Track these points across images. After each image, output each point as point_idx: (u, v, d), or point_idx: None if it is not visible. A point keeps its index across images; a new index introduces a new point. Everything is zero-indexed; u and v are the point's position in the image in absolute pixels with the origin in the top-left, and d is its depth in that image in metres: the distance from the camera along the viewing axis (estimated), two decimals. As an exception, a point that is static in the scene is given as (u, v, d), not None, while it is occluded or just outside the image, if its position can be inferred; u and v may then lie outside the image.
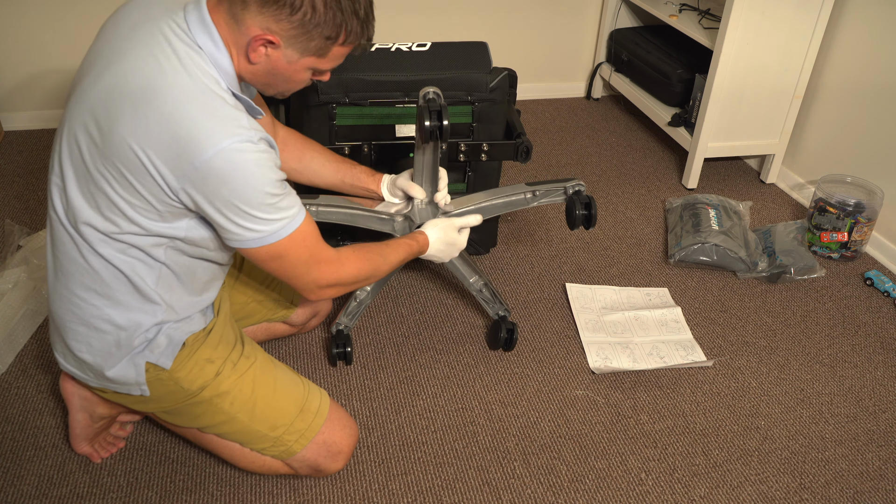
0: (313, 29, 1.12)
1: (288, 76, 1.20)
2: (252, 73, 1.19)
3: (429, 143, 1.57)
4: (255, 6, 1.10)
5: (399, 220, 1.71)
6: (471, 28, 3.02)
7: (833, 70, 2.44)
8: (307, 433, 1.39)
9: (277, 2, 1.09)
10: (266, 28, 1.11)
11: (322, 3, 1.11)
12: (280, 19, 1.11)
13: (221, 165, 1.08)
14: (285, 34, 1.12)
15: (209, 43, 1.13)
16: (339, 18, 1.13)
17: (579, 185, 1.71)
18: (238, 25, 1.13)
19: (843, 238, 2.25)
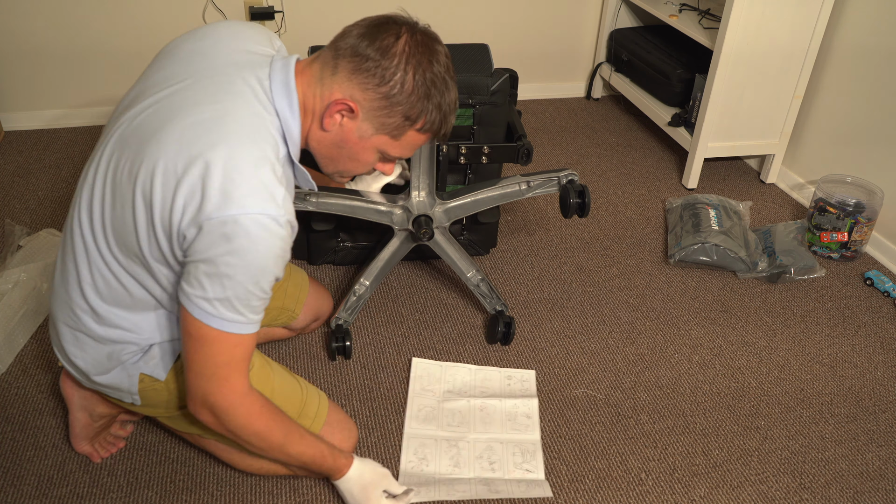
0: (396, 105, 1.10)
1: (355, 152, 1.17)
2: (320, 142, 1.16)
3: None
4: (346, 72, 1.09)
5: (398, 212, 1.71)
6: (471, 28, 3.02)
7: (833, 70, 2.44)
8: None
9: (370, 70, 1.08)
10: (350, 95, 1.10)
11: (412, 83, 1.09)
12: (367, 88, 1.09)
13: (238, 229, 1.02)
14: (367, 104, 1.10)
15: (286, 108, 1.11)
16: (423, 104, 1.12)
17: (572, 174, 1.72)
18: (322, 89, 1.11)
19: (843, 238, 2.25)
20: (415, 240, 1.76)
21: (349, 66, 1.09)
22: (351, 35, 1.10)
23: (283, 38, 2.84)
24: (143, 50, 2.73)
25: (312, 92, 1.12)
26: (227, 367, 1.14)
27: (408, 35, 1.10)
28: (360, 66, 1.08)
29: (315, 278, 1.78)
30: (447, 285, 2.09)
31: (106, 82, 2.77)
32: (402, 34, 1.09)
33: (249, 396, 1.19)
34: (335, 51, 1.11)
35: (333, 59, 1.10)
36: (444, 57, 1.13)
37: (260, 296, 1.09)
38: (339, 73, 1.10)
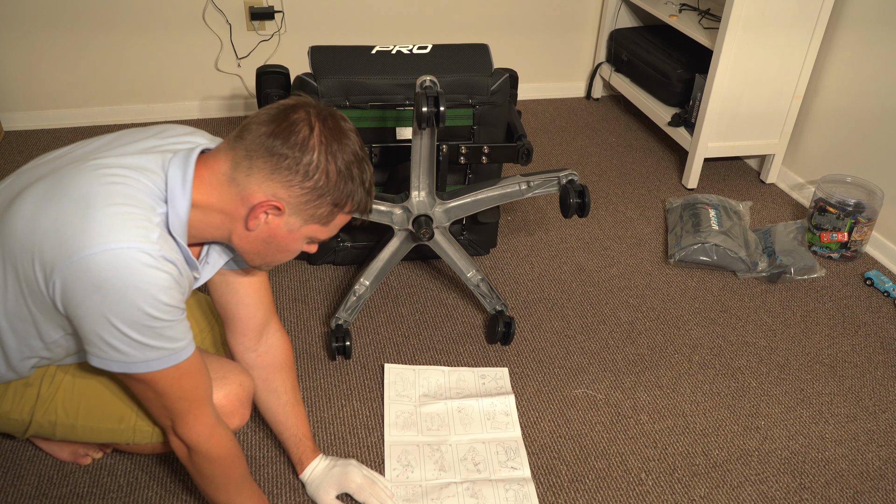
0: (324, 196, 1.08)
1: (284, 245, 1.14)
2: (245, 239, 1.12)
3: (426, 130, 1.58)
4: (264, 172, 1.05)
5: (398, 211, 1.71)
6: (471, 28, 3.02)
7: (833, 70, 2.44)
8: None
9: (290, 168, 1.05)
10: (273, 194, 1.06)
11: (335, 171, 1.07)
12: (291, 185, 1.06)
13: (101, 267, 0.96)
14: (294, 200, 1.07)
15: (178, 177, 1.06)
16: (350, 188, 1.10)
17: (572, 174, 1.72)
18: (239, 189, 1.07)
19: (843, 238, 2.25)
20: (415, 240, 1.76)
21: (266, 165, 1.05)
22: (259, 133, 1.05)
23: (283, 38, 2.84)
24: (143, 51, 2.73)
25: (226, 191, 1.07)
26: (184, 401, 1.12)
27: (319, 124, 1.07)
28: (279, 164, 1.05)
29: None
30: (447, 285, 2.09)
31: (106, 82, 2.77)
32: (314, 124, 1.06)
33: (216, 430, 1.18)
34: (245, 150, 1.06)
35: (246, 158, 1.05)
36: (353, 134, 1.12)
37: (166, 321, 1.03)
38: (256, 173, 1.05)
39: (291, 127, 1.05)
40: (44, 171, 1.08)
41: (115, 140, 1.14)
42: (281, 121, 1.06)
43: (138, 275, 0.98)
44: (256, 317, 1.38)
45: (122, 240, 0.98)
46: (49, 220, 1.00)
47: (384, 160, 1.90)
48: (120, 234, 0.98)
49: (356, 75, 1.77)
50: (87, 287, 0.98)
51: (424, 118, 1.49)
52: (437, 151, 1.77)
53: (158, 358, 1.05)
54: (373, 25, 2.91)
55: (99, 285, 0.98)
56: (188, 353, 1.09)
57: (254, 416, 1.64)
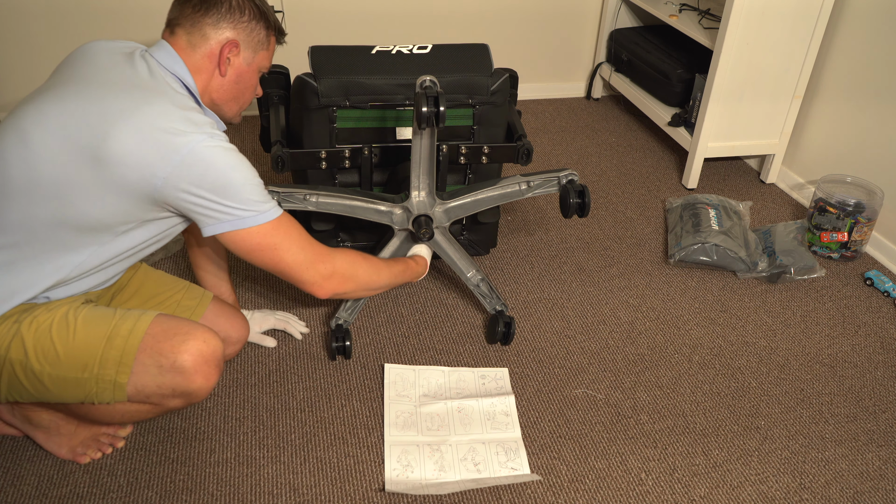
0: (259, 21, 1.38)
1: (247, 80, 1.42)
2: (222, 88, 1.39)
3: (425, 130, 1.58)
4: (211, 27, 1.33)
5: (398, 211, 1.71)
6: (471, 28, 3.02)
7: (833, 69, 2.44)
8: (125, 360, 1.27)
9: (229, 11, 1.34)
10: (227, 37, 1.35)
11: (251, 4, 1.37)
12: (235, 24, 1.35)
13: (202, 153, 1.21)
14: (243, 35, 1.36)
15: (182, 70, 1.33)
16: (265, 9, 1.40)
17: (572, 174, 1.72)
18: (202, 49, 1.34)
19: (843, 238, 2.25)
20: (415, 240, 1.76)
21: (211, 19, 1.33)
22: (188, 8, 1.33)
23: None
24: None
25: (195, 59, 1.34)
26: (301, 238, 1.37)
27: None
28: (219, 13, 1.33)
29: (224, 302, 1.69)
30: (447, 285, 2.09)
31: (106, 82, 2.77)
32: None
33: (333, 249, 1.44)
34: (189, 24, 1.33)
35: (193, 27, 1.33)
36: None
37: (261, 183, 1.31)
38: (207, 29, 1.33)
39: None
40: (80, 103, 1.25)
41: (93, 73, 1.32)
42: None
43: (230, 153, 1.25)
44: None
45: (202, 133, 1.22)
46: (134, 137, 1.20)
47: (384, 160, 1.90)
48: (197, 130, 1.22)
49: (356, 75, 1.77)
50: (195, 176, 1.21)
51: (424, 118, 1.49)
52: (437, 151, 1.78)
53: (272, 209, 1.31)
54: (373, 25, 2.91)
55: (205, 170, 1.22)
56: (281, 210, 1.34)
57: (252, 416, 1.64)
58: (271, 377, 1.75)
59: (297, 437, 1.60)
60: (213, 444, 1.57)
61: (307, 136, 1.84)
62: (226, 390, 1.70)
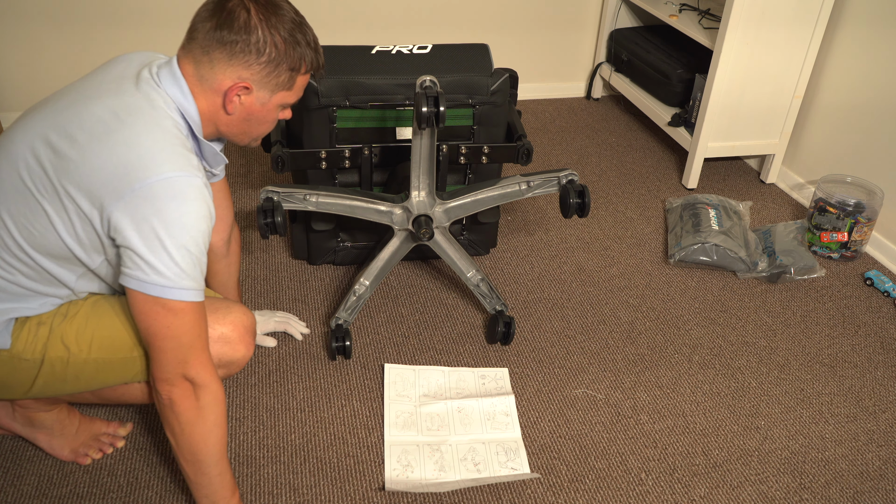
0: (280, 65, 1.23)
1: (262, 117, 1.29)
2: (230, 124, 1.28)
3: (426, 130, 1.58)
4: (222, 62, 1.20)
5: (398, 211, 1.72)
6: (471, 28, 3.02)
7: (833, 70, 2.44)
8: None
9: (244, 51, 1.20)
10: (238, 77, 1.21)
11: (282, 41, 1.22)
12: (250, 65, 1.21)
13: (162, 193, 1.09)
14: (257, 77, 1.22)
15: (177, 93, 1.21)
16: (299, 51, 1.24)
17: (572, 174, 1.72)
18: (209, 83, 1.22)
19: (843, 238, 2.25)
20: (415, 240, 1.76)
21: (223, 55, 1.19)
22: (205, 30, 1.20)
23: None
24: (143, 50, 2.73)
25: (200, 88, 1.22)
26: (200, 340, 1.18)
27: (252, 4, 1.20)
28: (234, 50, 1.19)
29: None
30: (447, 285, 2.09)
31: (106, 82, 2.77)
32: (249, 6, 1.19)
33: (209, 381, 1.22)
34: (200, 48, 1.20)
35: (204, 55, 1.20)
36: (286, 4, 1.25)
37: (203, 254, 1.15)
38: (217, 64, 1.20)
39: (230, 15, 1.18)
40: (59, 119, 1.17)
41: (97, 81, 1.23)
42: (220, 12, 1.19)
43: (194, 202, 1.12)
44: (229, 215, 1.62)
45: (176, 169, 1.11)
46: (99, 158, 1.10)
47: (384, 160, 1.90)
48: (172, 164, 1.11)
49: (356, 75, 1.77)
50: (147, 212, 1.09)
51: (424, 118, 1.49)
52: (437, 151, 1.78)
53: (192, 289, 1.15)
54: (373, 25, 2.91)
55: (159, 209, 1.09)
56: (203, 296, 1.18)
57: (252, 416, 1.64)
58: (271, 377, 1.75)
59: (297, 437, 1.60)
60: (213, 444, 1.57)
61: (307, 136, 1.84)
62: (226, 390, 1.70)
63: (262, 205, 1.60)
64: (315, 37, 1.29)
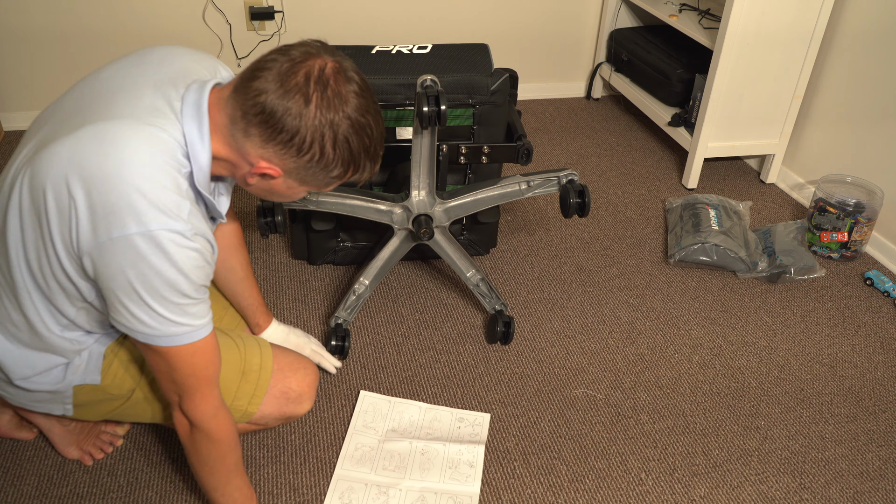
0: (322, 170, 1.08)
1: (284, 194, 1.16)
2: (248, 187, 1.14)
3: (427, 129, 1.58)
4: (259, 139, 1.04)
5: (398, 211, 1.71)
6: (471, 28, 3.02)
7: (833, 69, 2.44)
8: (257, 392, 1.36)
9: (285, 143, 1.03)
10: (269, 161, 1.06)
11: (331, 146, 1.05)
12: (285, 157, 1.05)
13: (140, 248, 0.99)
14: (290, 168, 1.07)
15: (194, 131, 1.05)
16: (349, 158, 1.08)
17: (572, 174, 1.72)
18: (238, 143, 1.06)
19: (843, 238, 2.25)
20: (415, 239, 1.76)
21: (261, 133, 1.03)
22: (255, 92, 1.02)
23: (283, 38, 2.84)
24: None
25: (227, 143, 1.07)
26: (193, 378, 1.13)
27: (318, 93, 1.02)
28: (274, 136, 1.03)
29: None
30: (447, 285, 2.09)
31: (106, 82, 2.77)
32: (312, 94, 1.02)
33: (221, 412, 1.19)
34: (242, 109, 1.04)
35: (243, 119, 1.04)
36: (355, 97, 1.05)
37: (193, 299, 1.06)
38: (252, 137, 1.04)
39: (288, 94, 1.01)
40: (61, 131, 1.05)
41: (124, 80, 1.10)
42: (282, 81, 1.01)
43: (174, 256, 1.01)
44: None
45: (158, 220, 0.99)
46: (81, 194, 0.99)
47: (384, 160, 1.90)
48: (156, 212, 0.99)
49: (356, 75, 1.77)
50: (123, 264, 1.00)
51: (426, 118, 1.49)
52: (438, 151, 1.77)
53: (180, 334, 1.07)
54: (373, 25, 2.91)
55: (135, 263, 1.00)
56: (206, 331, 1.11)
57: (254, 415, 1.65)
58: (271, 377, 1.75)
59: (297, 437, 1.60)
60: (213, 444, 1.57)
61: (307, 135, 1.84)
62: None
63: (262, 204, 1.60)
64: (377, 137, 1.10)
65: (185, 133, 1.05)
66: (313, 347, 1.72)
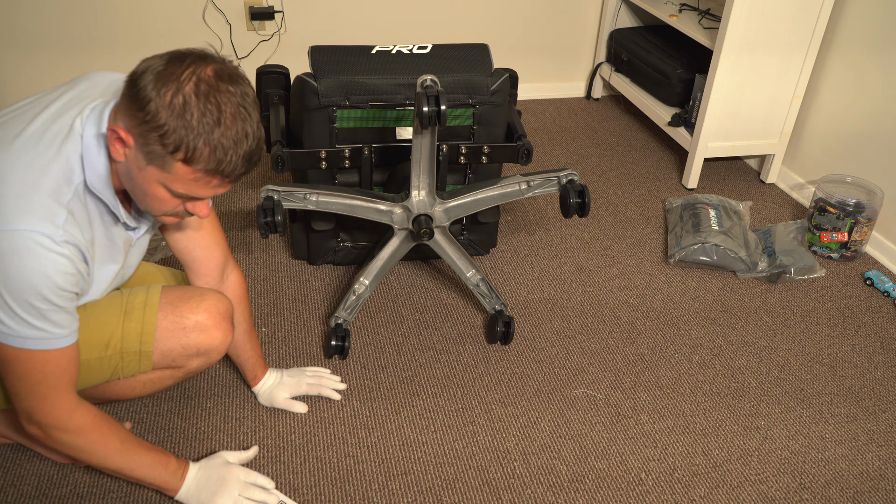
0: (151, 132, 1.02)
1: (141, 185, 1.10)
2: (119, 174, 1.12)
3: (427, 129, 1.58)
4: (124, 101, 1.05)
5: (398, 211, 1.71)
6: (471, 28, 3.02)
7: (833, 69, 2.44)
8: (146, 329, 1.31)
9: (132, 97, 1.03)
10: (120, 123, 1.06)
11: (167, 110, 1.01)
12: (130, 113, 1.04)
13: (3, 246, 1.01)
14: (134, 131, 1.04)
15: (91, 133, 1.08)
16: (183, 133, 1.02)
17: (572, 174, 1.72)
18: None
19: (843, 238, 2.25)
20: (415, 239, 1.76)
21: (125, 95, 1.05)
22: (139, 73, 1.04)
23: (283, 38, 2.84)
24: (143, 51, 2.73)
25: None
26: (44, 381, 1.12)
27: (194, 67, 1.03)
28: (129, 92, 1.03)
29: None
30: (447, 285, 2.09)
31: (106, 82, 2.77)
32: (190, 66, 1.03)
33: (77, 411, 1.18)
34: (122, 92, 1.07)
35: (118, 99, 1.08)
36: (230, 96, 1.04)
37: (56, 306, 1.07)
38: (121, 101, 1.06)
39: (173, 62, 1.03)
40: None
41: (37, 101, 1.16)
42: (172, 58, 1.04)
43: (39, 258, 1.03)
44: (216, 257, 1.46)
45: (28, 222, 1.03)
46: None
47: (384, 160, 1.90)
48: (27, 215, 1.03)
49: (356, 75, 1.77)
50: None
51: (426, 118, 1.49)
52: (438, 151, 1.78)
53: (35, 338, 1.09)
54: (373, 25, 2.91)
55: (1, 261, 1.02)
56: (65, 342, 1.12)
57: (252, 416, 1.64)
58: (271, 377, 1.75)
59: (297, 437, 1.60)
60: (214, 444, 1.57)
61: (307, 136, 1.84)
62: (226, 390, 1.70)
63: (263, 203, 1.60)
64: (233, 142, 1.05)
65: (83, 137, 1.09)
66: (308, 382, 1.66)
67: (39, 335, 1.09)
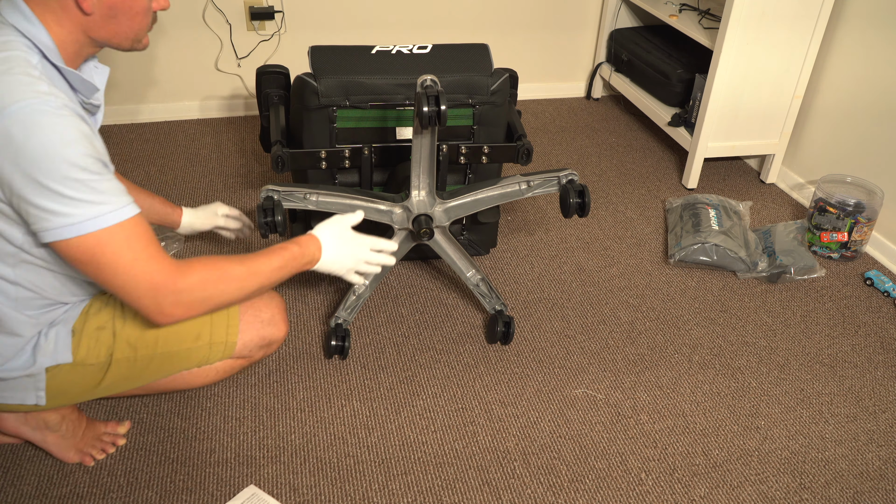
0: None
1: (128, 7, 1.14)
2: (96, 29, 1.14)
3: (427, 129, 1.58)
4: None
5: (398, 211, 1.71)
6: (471, 28, 3.02)
7: (833, 69, 2.44)
8: (231, 321, 1.42)
9: None
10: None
11: None
12: None
13: (16, 128, 1.00)
14: None
15: (21, 19, 1.09)
16: None
17: (572, 174, 1.72)
18: None
19: (843, 238, 2.25)
20: (415, 239, 1.76)
21: None
22: None
23: (283, 38, 2.84)
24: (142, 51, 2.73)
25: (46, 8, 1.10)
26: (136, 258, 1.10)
27: None
28: None
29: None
30: (447, 285, 2.09)
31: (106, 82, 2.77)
32: None
33: (180, 265, 1.16)
34: None
35: None
36: None
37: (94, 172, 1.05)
38: None
39: None
40: None
41: None
42: None
43: (48, 125, 1.01)
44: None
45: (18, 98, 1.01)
46: None
47: (384, 160, 1.90)
48: (13, 93, 1.01)
49: (356, 75, 1.77)
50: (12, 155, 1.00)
51: (426, 118, 1.49)
52: (438, 151, 1.77)
53: (102, 214, 1.05)
54: (373, 25, 2.91)
55: (16, 148, 1.00)
56: (131, 212, 1.09)
57: (252, 416, 1.64)
58: (271, 377, 1.75)
59: (297, 437, 1.60)
60: (213, 444, 1.57)
61: (307, 136, 1.84)
62: (226, 390, 1.70)
63: (263, 203, 1.60)
64: None
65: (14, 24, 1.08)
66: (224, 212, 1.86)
67: (101, 209, 1.05)
